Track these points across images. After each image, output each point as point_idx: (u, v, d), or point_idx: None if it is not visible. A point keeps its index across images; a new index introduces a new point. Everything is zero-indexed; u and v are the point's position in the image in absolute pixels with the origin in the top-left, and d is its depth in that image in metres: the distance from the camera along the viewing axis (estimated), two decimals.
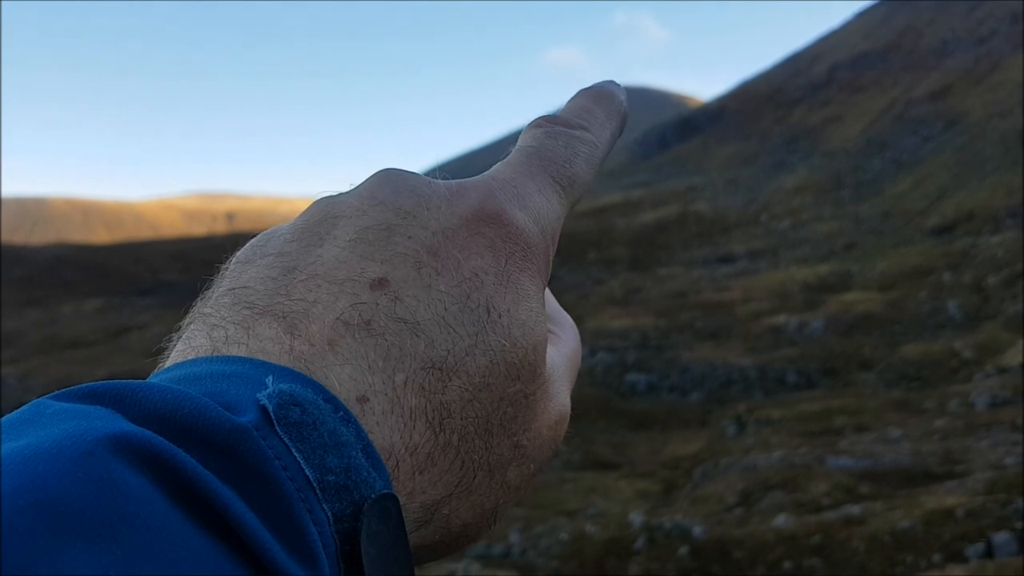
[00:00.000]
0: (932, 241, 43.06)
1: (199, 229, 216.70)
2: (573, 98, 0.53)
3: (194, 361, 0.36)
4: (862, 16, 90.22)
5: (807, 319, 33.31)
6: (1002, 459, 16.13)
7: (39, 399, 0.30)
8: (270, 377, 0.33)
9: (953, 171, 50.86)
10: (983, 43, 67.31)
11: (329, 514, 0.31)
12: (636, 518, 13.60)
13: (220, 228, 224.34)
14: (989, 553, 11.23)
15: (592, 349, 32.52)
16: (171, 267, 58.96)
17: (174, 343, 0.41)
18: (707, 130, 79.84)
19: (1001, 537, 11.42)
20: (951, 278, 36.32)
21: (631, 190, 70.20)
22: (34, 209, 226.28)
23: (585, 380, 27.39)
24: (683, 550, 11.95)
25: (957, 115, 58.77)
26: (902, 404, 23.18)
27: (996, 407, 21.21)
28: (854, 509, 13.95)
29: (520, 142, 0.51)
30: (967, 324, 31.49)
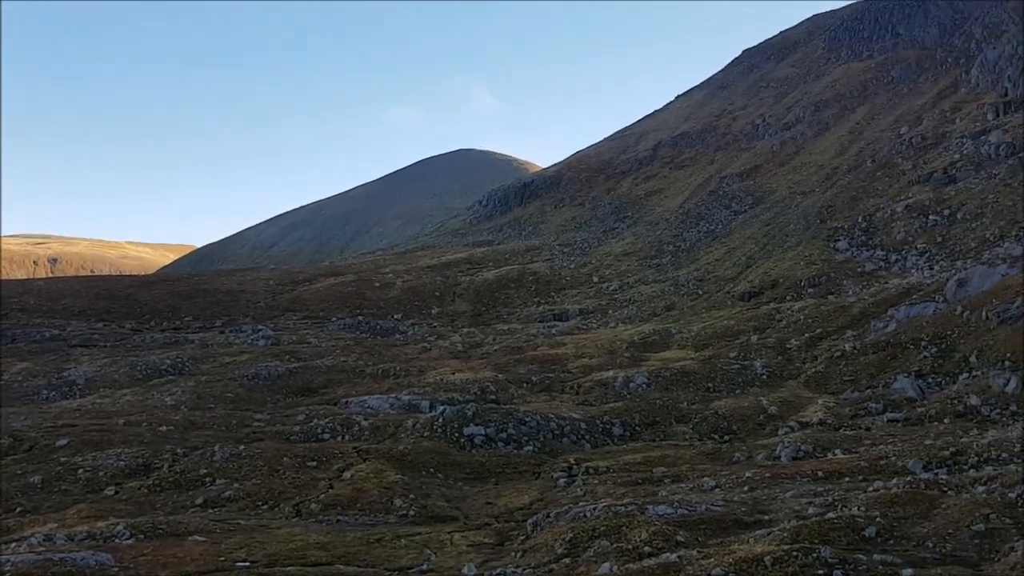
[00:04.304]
0: (741, 305, 46.81)
1: (19, 273, 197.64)
2: None
3: None
4: (683, 98, 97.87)
5: (632, 374, 35.26)
6: (805, 509, 17.64)
7: None
8: None
9: (760, 243, 55.88)
10: (788, 128, 74.88)
11: None
12: (469, 571, 13.79)
13: (42, 272, 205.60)
14: None
15: (432, 403, 32.68)
16: None
17: None
18: (544, 195, 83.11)
19: None
20: (758, 339, 39.69)
21: (474, 248, 71.66)
22: None
23: (424, 433, 27.46)
24: None
25: (764, 192, 64.80)
26: (715, 455, 24.90)
27: (798, 459, 23.22)
28: (672, 556, 14.82)
29: None
30: (772, 382, 34.43)
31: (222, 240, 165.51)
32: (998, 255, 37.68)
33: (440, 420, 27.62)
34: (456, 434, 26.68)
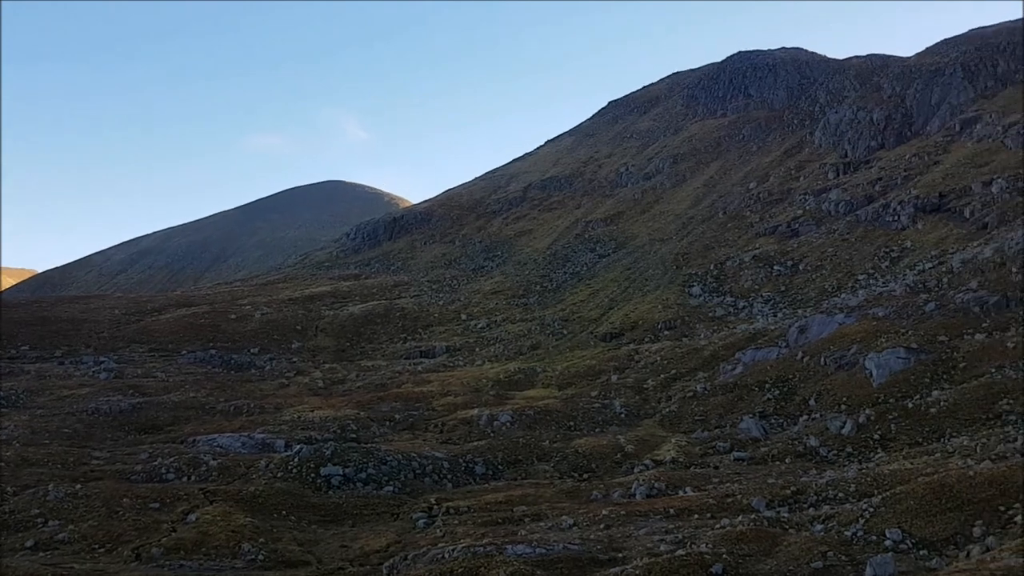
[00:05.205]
0: (603, 346, 48.16)
1: None
2: None
3: None
4: (552, 143, 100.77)
5: (496, 413, 35.35)
6: (657, 546, 18.15)
7: None
8: None
9: (622, 286, 57.85)
10: (649, 178, 78.37)
11: None
12: None
13: None
14: None
15: (287, 442, 31.49)
16: None
17: None
18: (415, 231, 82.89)
19: None
20: (618, 379, 40.85)
21: (340, 282, 70.17)
22: None
23: (278, 474, 26.36)
24: None
25: (627, 238, 67.36)
26: (574, 493, 25.26)
27: (652, 497, 23.93)
28: None
29: None
30: (630, 421, 35.45)
31: (65, 265, 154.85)
32: (836, 304, 40.62)
33: (296, 460, 26.69)
34: (312, 474, 25.85)
